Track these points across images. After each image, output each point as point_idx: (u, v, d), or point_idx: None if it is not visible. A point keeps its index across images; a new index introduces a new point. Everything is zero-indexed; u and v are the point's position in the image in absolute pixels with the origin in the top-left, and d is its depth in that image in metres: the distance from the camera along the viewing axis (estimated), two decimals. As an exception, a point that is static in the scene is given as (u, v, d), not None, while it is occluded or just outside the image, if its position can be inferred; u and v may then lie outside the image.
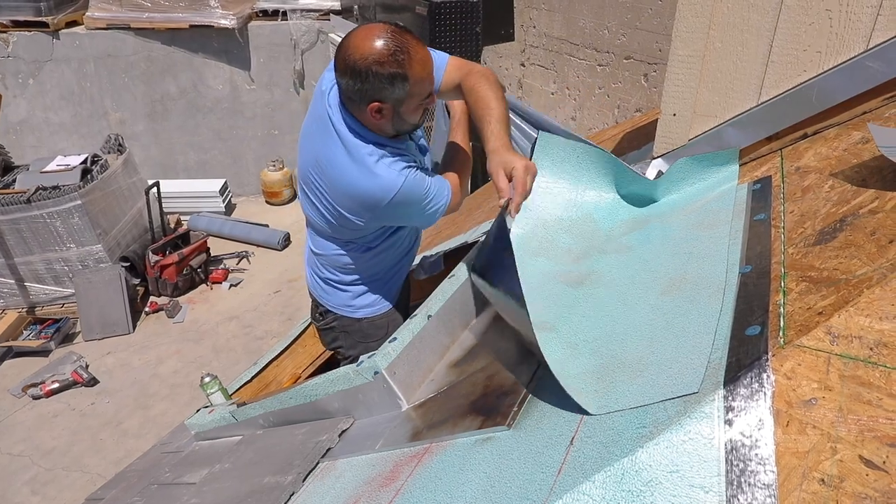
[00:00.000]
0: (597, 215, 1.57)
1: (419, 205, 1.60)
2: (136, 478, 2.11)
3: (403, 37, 1.37)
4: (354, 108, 1.50)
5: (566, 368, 1.12)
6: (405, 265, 1.96)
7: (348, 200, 1.60)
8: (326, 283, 1.92)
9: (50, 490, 3.83)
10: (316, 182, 1.65)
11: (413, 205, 1.59)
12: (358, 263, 1.84)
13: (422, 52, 1.41)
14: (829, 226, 1.03)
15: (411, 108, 1.48)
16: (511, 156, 1.32)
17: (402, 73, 1.38)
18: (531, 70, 5.03)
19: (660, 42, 3.52)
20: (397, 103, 1.45)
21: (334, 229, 1.73)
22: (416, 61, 1.39)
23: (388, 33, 1.37)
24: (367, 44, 1.36)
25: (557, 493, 0.79)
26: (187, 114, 7.15)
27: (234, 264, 6.26)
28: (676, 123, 1.62)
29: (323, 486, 1.25)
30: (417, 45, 1.40)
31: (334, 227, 1.72)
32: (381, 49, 1.35)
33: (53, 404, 4.52)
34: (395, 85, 1.40)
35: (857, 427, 0.71)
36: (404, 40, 1.37)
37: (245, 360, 4.73)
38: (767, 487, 0.70)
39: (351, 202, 1.60)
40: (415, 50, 1.39)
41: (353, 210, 1.61)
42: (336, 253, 1.82)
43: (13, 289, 5.36)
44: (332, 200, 1.63)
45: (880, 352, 0.75)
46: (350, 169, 1.54)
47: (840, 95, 1.34)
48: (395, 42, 1.36)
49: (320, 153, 1.60)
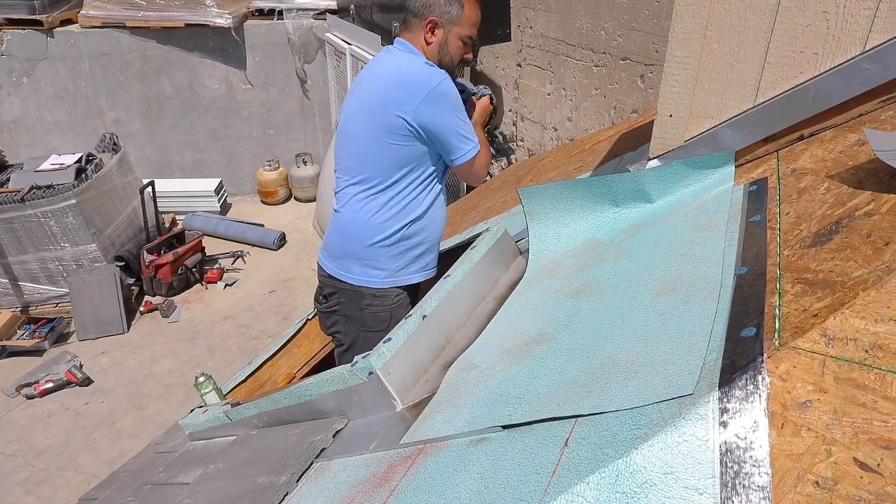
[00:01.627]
0: (599, 234, 1.59)
1: (456, 111, 1.85)
2: (130, 478, 2.09)
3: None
4: (415, 28, 1.87)
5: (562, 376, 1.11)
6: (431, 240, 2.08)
7: (396, 89, 1.82)
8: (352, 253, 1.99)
9: (44, 490, 3.80)
10: (364, 103, 1.90)
11: (451, 105, 1.84)
12: (398, 208, 1.96)
13: (477, 4, 1.86)
14: (824, 228, 1.03)
15: (456, 39, 1.85)
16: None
17: (460, 2, 1.81)
18: (528, 70, 5.03)
19: (656, 43, 3.52)
20: (450, 24, 1.83)
21: (381, 149, 1.87)
22: (472, 3, 1.85)
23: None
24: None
25: (552, 494, 0.78)
26: (183, 113, 7.12)
27: (229, 264, 6.24)
28: (673, 124, 1.62)
29: (317, 487, 1.25)
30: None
31: (382, 144, 1.86)
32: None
33: (47, 404, 4.50)
34: (453, 6, 1.80)
35: (852, 429, 0.71)
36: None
37: (240, 360, 4.71)
38: (762, 489, 0.69)
39: (399, 90, 1.81)
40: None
41: (400, 100, 1.80)
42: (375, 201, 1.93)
43: (7, 288, 5.33)
44: (382, 99, 1.84)
45: (875, 354, 0.75)
46: (403, 60, 1.86)
47: (836, 97, 1.34)
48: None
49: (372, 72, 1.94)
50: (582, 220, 1.62)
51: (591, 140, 3.56)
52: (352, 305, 2.00)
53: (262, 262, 6.28)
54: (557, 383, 1.07)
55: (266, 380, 2.53)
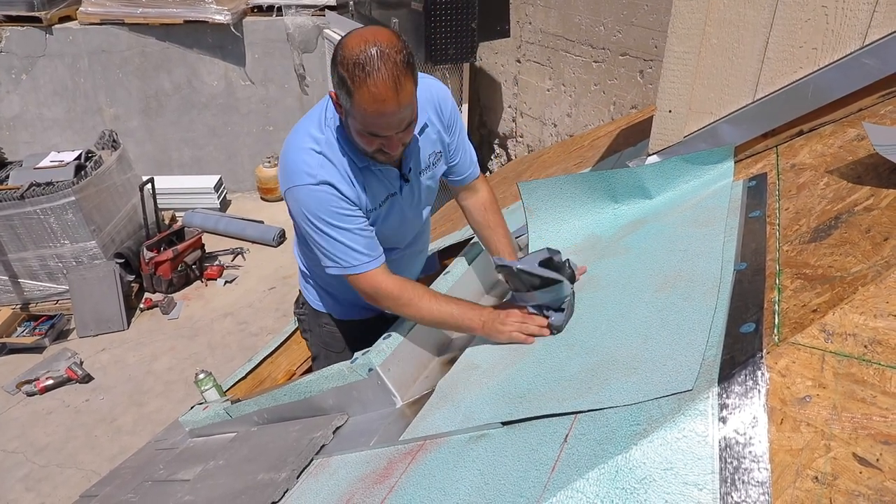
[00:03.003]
0: (598, 230, 1.59)
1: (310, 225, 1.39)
2: (131, 474, 2.10)
3: (384, 62, 1.16)
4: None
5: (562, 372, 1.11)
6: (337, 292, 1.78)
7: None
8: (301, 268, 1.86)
9: (44, 487, 3.81)
10: None
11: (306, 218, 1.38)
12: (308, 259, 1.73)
13: (384, 90, 1.16)
14: (824, 223, 1.02)
15: (357, 130, 1.28)
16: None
17: (349, 84, 1.19)
18: (527, 66, 5.02)
19: (656, 38, 3.51)
20: (346, 111, 1.27)
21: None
22: (368, 90, 1.17)
23: (379, 46, 1.16)
24: (361, 36, 1.20)
25: (551, 490, 0.79)
26: (182, 110, 7.11)
27: (228, 261, 6.24)
28: (672, 120, 1.61)
29: (317, 483, 1.25)
30: (386, 80, 1.16)
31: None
32: (355, 49, 1.17)
33: (48, 401, 4.50)
34: (342, 90, 1.22)
35: (851, 425, 0.71)
36: (379, 64, 1.16)
37: (240, 357, 4.71)
38: (761, 485, 0.69)
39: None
40: (380, 80, 1.16)
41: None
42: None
43: (7, 285, 5.33)
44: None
45: (874, 349, 0.75)
46: (294, 133, 1.41)
47: (836, 92, 1.34)
48: (370, 57, 1.16)
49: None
50: (581, 216, 1.62)
51: (590, 136, 3.55)
52: (313, 321, 1.91)
53: (262, 258, 6.28)
54: (557, 380, 1.08)
55: (266, 377, 2.53)
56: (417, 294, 1.41)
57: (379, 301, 1.44)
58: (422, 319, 1.44)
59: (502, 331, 1.32)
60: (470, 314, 1.38)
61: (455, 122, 1.55)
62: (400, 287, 1.42)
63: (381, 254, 1.45)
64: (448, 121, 1.52)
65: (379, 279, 1.42)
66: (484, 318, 1.36)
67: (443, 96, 1.50)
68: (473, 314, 1.38)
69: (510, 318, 1.32)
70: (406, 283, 1.44)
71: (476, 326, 1.37)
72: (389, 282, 1.42)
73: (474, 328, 1.38)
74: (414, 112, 1.27)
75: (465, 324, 1.39)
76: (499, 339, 1.34)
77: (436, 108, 1.49)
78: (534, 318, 1.30)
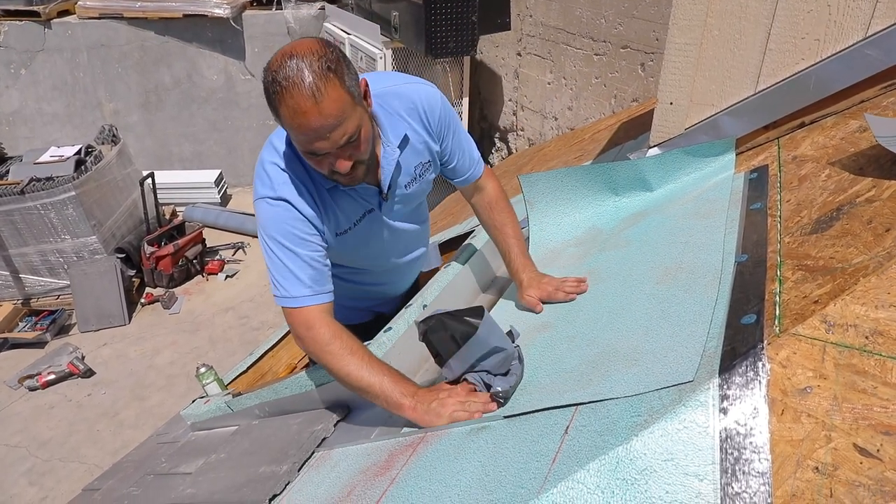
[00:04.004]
0: (599, 223, 1.59)
1: (263, 243, 1.31)
2: (133, 468, 2.10)
3: (300, 72, 1.06)
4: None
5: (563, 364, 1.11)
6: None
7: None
8: None
9: (47, 481, 3.83)
10: None
11: (259, 234, 1.32)
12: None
13: (301, 101, 1.07)
14: (825, 215, 1.02)
15: (300, 152, 1.20)
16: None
17: (273, 103, 1.11)
18: (527, 60, 5.00)
19: (657, 31, 3.50)
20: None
21: None
22: (286, 104, 1.08)
23: (296, 58, 1.07)
24: (281, 51, 1.11)
25: (552, 481, 0.79)
26: (182, 104, 7.10)
27: (229, 255, 6.24)
28: (673, 112, 1.61)
29: (318, 476, 1.25)
30: (303, 90, 1.06)
31: None
32: (274, 65, 1.09)
33: (50, 395, 4.51)
34: (271, 111, 1.13)
35: (852, 415, 0.71)
36: (294, 76, 1.06)
37: (241, 351, 4.72)
38: (762, 475, 0.70)
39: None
40: (296, 91, 1.07)
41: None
42: None
43: (8, 280, 5.33)
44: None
45: (875, 340, 0.75)
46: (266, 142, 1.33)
47: (838, 84, 1.33)
48: (286, 70, 1.07)
49: None
50: (582, 209, 1.62)
51: (591, 129, 3.54)
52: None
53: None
54: (558, 372, 1.08)
55: (267, 370, 2.54)
56: (348, 349, 1.24)
57: (306, 343, 1.29)
58: (344, 378, 1.25)
59: (441, 414, 1.13)
60: (400, 391, 1.19)
61: (447, 127, 1.41)
62: (334, 335, 1.26)
63: (327, 290, 1.31)
64: (437, 128, 1.39)
65: (314, 319, 1.28)
66: (418, 400, 1.17)
67: (429, 103, 1.36)
68: (406, 393, 1.19)
69: (449, 400, 1.15)
70: (342, 334, 1.27)
71: (405, 407, 1.18)
72: (325, 326, 1.27)
73: (403, 409, 1.18)
74: (354, 124, 1.14)
75: (392, 400, 1.19)
76: (437, 424, 1.14)
77: (420, 118, 1.36)
78: (477, 395, 1.13)
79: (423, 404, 1.17)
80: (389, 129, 1.32)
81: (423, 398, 1.18)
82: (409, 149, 1.38)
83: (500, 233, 1.55)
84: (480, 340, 1.11)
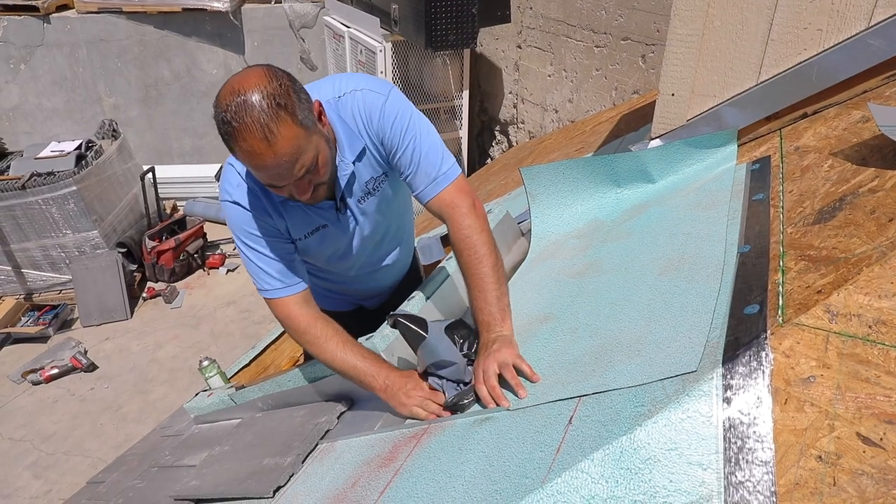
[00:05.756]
0: (601, 215, 1.59)
1: (235, 240, 1.35)
2: (137, 461, 2.11)
3: (249, 112, 1.03)
4: None
5: (566, 356, 1.12)
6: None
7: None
8: None
9: (51, 474, 3.85)
10: None
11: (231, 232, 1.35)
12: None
13: (254, 144, 1.05)
14: (828, 205, 1.02)
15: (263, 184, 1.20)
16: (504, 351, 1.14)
17: (226, 142, 1.09)
18: (528, 52, 4.98)
19: (658, 22, 3.48)
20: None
21: None
22: (240, 146, 1.07)
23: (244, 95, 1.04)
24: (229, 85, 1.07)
25: (556, 471, 0.79)
26: (181, 98, 7.08)
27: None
28: (675, 103, 1.60)
29: (322, 467, 1.26)
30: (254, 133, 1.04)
31: None
32: (222, 104, 1.06)
33: (53, 390, 4.53)
34: (227, 146, 1.11)
35: (855, 404, 0.71)
36: (243, 117, 1.04)
37: (243, 345, 4.73)
38: (765, 464, 0.70)
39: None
40: (248, 134, 1.04)
41: None
42: None
43: (10, 275, 5.34)
44: None
45: (879, 329, 0.75)
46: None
47: (840, 74, 1.33)
48: (234, 110, 1.04)
49: None
50: (584, 200, 1.62)
51: (592, 121, 3.53)
52: None
53: (264, 247, 6.28)
54: (561, 363, 1.08)
55: (270, 363, 2.54)
56: (325, 335, 1.32)
57: (289, 331, 1.38)
58: (324, 362, 1.35)
59: (405, 403, 1.23)
60: (374, 373, 1.28)
61: (398, 134, 1.28)
62: (309, 322, 1.34)
63: (297, 282, 1.35)
64: (386, 136, 1.29)
65: (290, 308, 1.34)
66: (389, 383, 1.26)
67: (373, 112, 1.27)
68: (378, 375, 1.28)
69: (415, 392, 1.23)
70: (318, 321, 1.34)
71: (378, 388, 1.27)
72: (301, 315, 1.34)
73: (376, 389, 1.28)
74: (311, 155, 1.12)
75: (366, 381, 1.29)
76: (399, 410, 1.24)
77: (366, 128, 1.29)
78: (437, 396, 1.21)
79: (392, 388, 1.26)
80: (346, 142, 1.29)
81: (394, 382, 1.27)
82: (364, 162, 1.33)
83: (466, 275, 1.30)
84: (430, 349, 1.21)
